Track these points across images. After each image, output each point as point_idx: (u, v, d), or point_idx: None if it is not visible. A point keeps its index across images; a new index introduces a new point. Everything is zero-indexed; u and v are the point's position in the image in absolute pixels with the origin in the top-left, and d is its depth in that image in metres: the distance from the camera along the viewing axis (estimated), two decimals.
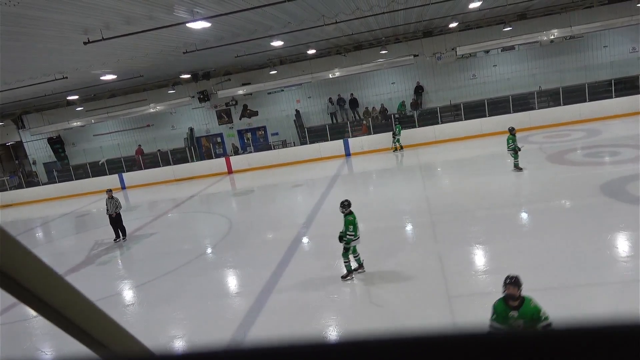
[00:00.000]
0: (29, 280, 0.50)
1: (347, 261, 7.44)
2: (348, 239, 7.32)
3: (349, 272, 7.47)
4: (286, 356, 0.41)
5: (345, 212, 7.42)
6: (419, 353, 0.38)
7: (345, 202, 7.51)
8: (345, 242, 7.37)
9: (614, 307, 5.45)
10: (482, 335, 0.38)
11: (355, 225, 7.35)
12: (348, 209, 7.44)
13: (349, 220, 7.33)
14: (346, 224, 7.33)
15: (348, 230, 7.30)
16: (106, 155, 25.37)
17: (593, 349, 0.36)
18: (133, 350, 0.64)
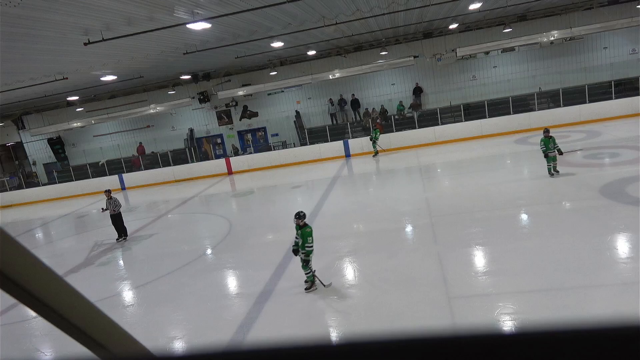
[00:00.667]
0: (29, 281, 0.50)
1: (309, 272, 7.28)
2: (308, 251, 7.17)
3: (312, 283, 7.31)
4: (285, 357, 0.41)
5: (301, 224, 7.24)
6: (419, 354, 0.38)
7: (300, 213, 7.32)
8: (304, 255, 7.20)
9: (613, 308, 5.44)
10: (482, 336, 0.38)
11: (313, 236, 7.21)
12: (303, 221, 7.26)
13: (306, 232, 7.16)
14: (304, 236, 7.16)
15: (307, 243, 7.13)
16: (106, 156, 25.39)
17: (593, 349, 0.36)
18: (132, 351, 0.64)
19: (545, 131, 11.45)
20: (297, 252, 7.34)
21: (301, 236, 7.25)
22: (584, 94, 19.72)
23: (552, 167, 11.59)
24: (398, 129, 21.51)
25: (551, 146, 11.33)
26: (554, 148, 11.39)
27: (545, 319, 5.29)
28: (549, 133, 11.39)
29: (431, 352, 0.38)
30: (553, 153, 11.40)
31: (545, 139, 11.32)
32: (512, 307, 6.00)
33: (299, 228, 7.28)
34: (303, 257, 7.26)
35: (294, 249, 7.38)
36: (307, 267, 7.27)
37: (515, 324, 5.53)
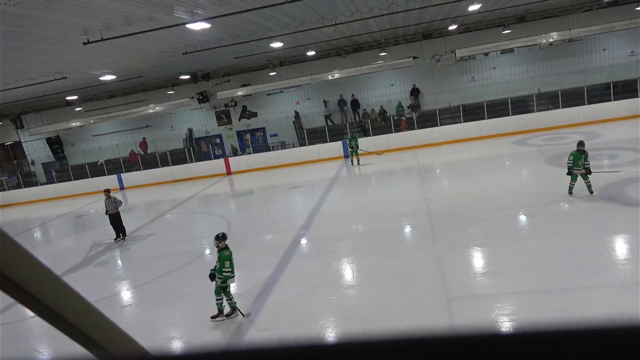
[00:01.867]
0: (27, 282, 0.50)
1: (220, 299, 6.77)
2: (225, 276, 6.60)
3: (219, 312, 6.79)
4: (284, 357, 0.40)
5: (221, 247, 6.72)
6: (418, 354, 0.38)
7: (219, 234, 6.81)
8: (222, 281, 6.63)
9: (612, 309, 5.45)
10: (481, 336, 0.38)
11: (232, 261, 6.64)
12: (223, 243, 6.75)
13: (224, 256, 6.60)
14: (222, 260, 6.61)
15: (224, 267, 6.57)
16: (105, 155, 25.36)
17: (592, 350, 0.36)
18: (130, 351, 0.64)
19: (579, 144, 9.61)
20: (214, 277, 6.74)
21: (219, 259, 6.72)
22: (582, 95, 19.75)
23: (573, 186, 9.89)
24: (397, 130, 21.51)
25: (580, 162, 9.56)
26: (582, 166, 9.57)
27: (544, 319, 5.30)
28: (583, 147, 9.57)
29: (430, 352, 0.38)
30: (580, 171, 9.60)
31: (576, 152, 9.58)
32: (511, 307, 6.01)
33: (219, 250, 6.76)
34: (220, 283, 6.68)
35: (210, 274, 6.77)
36: (228, 293, 6.69)
37: (513, 324, 5.53)
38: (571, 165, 9.65)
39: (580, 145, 9.58)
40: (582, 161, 9.50)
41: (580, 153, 9.51)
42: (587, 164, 9.53)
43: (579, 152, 9.54)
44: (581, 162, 9.51)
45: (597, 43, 21.74)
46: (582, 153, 9.49)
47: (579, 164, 9.53)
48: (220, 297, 6.77)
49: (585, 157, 9.53)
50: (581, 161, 9.51)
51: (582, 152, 9.50)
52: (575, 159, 9.59)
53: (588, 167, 9.52)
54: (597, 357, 0.35)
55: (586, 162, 9.50)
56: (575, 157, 9.57)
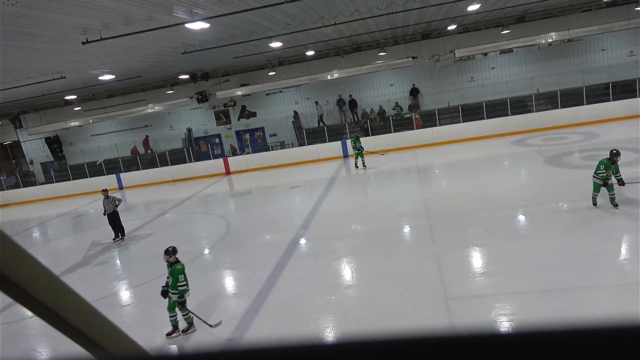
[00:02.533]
0: (26, 282, 0.50)
1: (174, 315, 6.49)
2: (182, 291, 6.34)
3: (190, 325, 6.57)
4: (283, 357, 0.40)
5: (171, 261, 6.43)
6: (417, 354, 0.38)
7: (169, 248, 6.48)
8: (178, 296, 6.35)
9: (612, 309, 5.46)
10: (480, 336, 0.38)
11: (185, 274, 6.38)
12: (174, 257, 6.45)
13: (177, 270, 6.32)
14: (175, 274, 6.31)
15: (179, 282, 6.30)
16: (104, 155, 25.34)
17: (592, 350, 0.36)
18: (129, 351, 0.64)
19: (614, 154, 8.64)
20: (167, 294, 6.40)
21: (171, 274, 6.39)
22: (581, 95, 19.77)
23: (596, 197, 9.09)
24: (396, 130, 21.52)
25: (609, 174, 8.73)
26: (612, 176, 8.77)
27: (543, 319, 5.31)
28: (618, 157, 8.64)
29: (429, 352, 0.38)
30: (613, 181, 8.81)
31: (607, 161, 8.66)
32: (510, 308, 6.01)
33: (169, 265, 6.44)
34: (177, 299, 6.36)
35: (162, 290, 6.43)
36: (184, 309, 6.44)
37: (512, 324, 5.53)
38: (604, 176, 8.66)
39: (615, 155, 8.61)
40: (609, 172, 8.64)
41: (611, 163, 8.63)
42: (619, 175, 8.68)
43: (610, 161, 8.62)
44: (609, 173, 8.63)
45: (596, 43, 21.77)
46: (613, 163, 8.62)
47: (608, 175, 8.67)
48: (174, 314, 6.50)
49: (616, 168, 8.70)
50: (609, 172, 8.64)
51: (615, 162, 8.62)
52: (607, 169, 8.67)
53: (620, 178, 8.67)
54: (597, 357, 0.35)
55: (617, 173, 8.65)
56: (607, 167, 8.66)
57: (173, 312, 6.51)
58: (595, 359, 0.35)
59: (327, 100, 24.38)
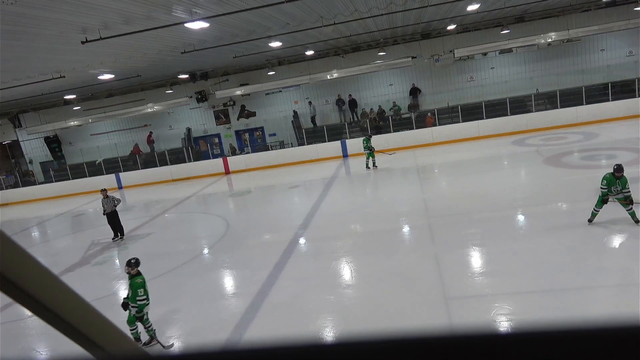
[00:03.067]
0: (26, 282, 0.50)
1: (134, 328, 6.31)
2: (141, 305, 6.16)
3: (151, 338, 6.36)
4: (282, 357, 0.40)
5: (132, 273, 6.27)
6: (416, 354, 0.38)
7: (131, 260, 6.39)
8: (137, 310, 6.16)
9: (611, 309, 5.46)
10: (479, 336, 0.38)
11: (146, 288, 6.23)
12: (135, 269, 6.30)
13: (137, 283, 6.16)
14: (134, 287, 6.15)
15: (138, 296, 6.13)
16: (103, 155, 25.32)
17: (591, 350, 0.36)
18: (129, 351, 0.64)
19: (617, 169, 7.83)
20: (127, 307, 6.22)
21: (130, 287, 6.24)
22: (581, 95, 19.79)
23: (597, 214, 8.19)
24: (395, 130, 21.52)
25: (615, 189, 7.84)
26: (618, 193, 7.85)
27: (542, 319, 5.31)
28: (621, 173, 7.80)
29: (428, 352, 0.38)
30: (619, 196, 7.87)
31: (610, 176, 7.86)
32: (509, 307, 6.02)
33: (130, 277, 6.30)
34: (135, 313, 6.19)
35: (123, 303, 6.26)
36: (146, 321, 6.26)
37: (512, 324, 5.54)
38: (605, 190, 7.94)
39: (619, 171, 7.80)
40: (616, 187, 7.79)
41: (615, 178, 7.83)
42: (628, 192, 7.83)
43: (613, 176, 7.82)
44: (615, 189, 7.81)
45: (595, 43, 21.78)
46: (618, 179, 7.82)
47: (613, 191, 7.87)
48: (135, 327, 6.33)
49: (622, 183, 7.82)
50: (615, 187, 7.80)
51: (619, 177, 7.82)
52: (610, 184, 7.87)
53: (629, 195, 7.82)
54: (597, 357, 0.35)
55: (625, 189, 7.81)
56: (610, 183, 7.87)
57: (133, 326, 6.30)
58: (595, 359, 0.35)
59: (327, 100, 24.37)
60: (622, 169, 7.80)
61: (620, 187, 7.75)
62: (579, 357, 0.35)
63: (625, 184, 7.76)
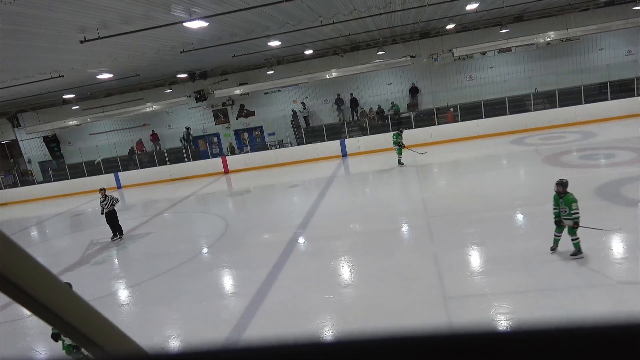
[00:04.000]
0: (25, 281, 0.50)
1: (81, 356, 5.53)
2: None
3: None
4: (282, 356, 0.40)
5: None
6: (415, 353, 0.38)
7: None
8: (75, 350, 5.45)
9: (610, 308, 5.47)
10: (479, 335, 0.38)
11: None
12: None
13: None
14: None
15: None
16: (102, 154, 25.31)
17: (591, 349, 0.36)
18: (128, 350, 0.64)
19: (559, 183, 6.82)
20: (58, 337, 5.53)
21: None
22: (580, 94, 19.79)
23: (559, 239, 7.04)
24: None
25: (563, 210, 6.77)
26: (568, 214, 6.72)
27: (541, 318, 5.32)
28: (562, 187, 6.78)
29: (427, 351, 0.38)
30: (568, 222, 6.78)
31: (555, 194, 6.88)
32: (508, 307, 6.02)
33: None
34: (71, 342, 5.50)
35: (53, 334, 5.52)
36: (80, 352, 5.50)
37: (511, 323, 5.54)
38: (557, 211, 6.89)
39: (560, 185, 6.79)
40: (563, 207, 6.76)
41: (559, 196, 6.82)
42: (575, 214, 6.62)
43: (557, 194, 6.85)
44: (563, 210, 6.77)
45: (594, 42, 21.80)
46: (561, 195, 6.78)
47: (563, 212, 6.80)
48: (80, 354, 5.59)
49: (567, 203, 6.68)
50: (563, 207, 6.77)
51: (563, 193, 6.76)
52: (556, 203, 6.90)
53: (577, 218, 6.63)
54: (596, 356, 0.35)
55: (572, 210, 6.63)
56: (555, 201, 6.90)
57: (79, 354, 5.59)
58: (594, 358, 0.35)
59: (326, 99, 24.37)
60: (562, 183, 6.77)
61: (567, 208, 6.71)
62: (578, 356, 0.35)
63: (571, 204, 6.65)
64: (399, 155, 16.79)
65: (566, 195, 6.71)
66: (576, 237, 6.80)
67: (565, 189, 6.73)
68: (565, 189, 6.73)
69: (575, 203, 6.62)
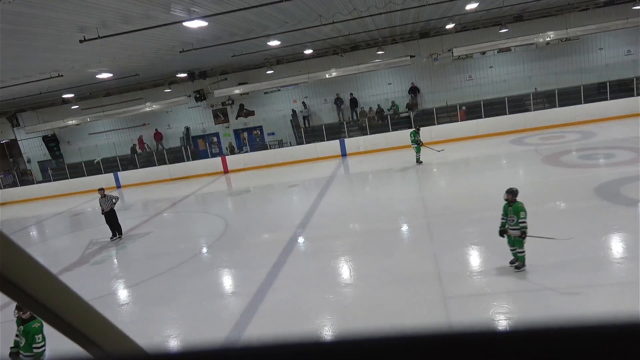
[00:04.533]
0: (25, 281, 0.50)
1: None
2: (37, 354, 5.11)
3: None
4: (281, 355, 0.40)
5: (25, 317, 5.18)
6: (415, 352, 0.38)
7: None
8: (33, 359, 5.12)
9: (610, 308, 5.47)
10: (478, 335, 0.38)
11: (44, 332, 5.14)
12: (28, 313, 5.19)
13: (35, 328, 5.09)
14: (32, 334, 5.09)
15: (35, 342, 5.08)
16: (102, 154, 25.29)
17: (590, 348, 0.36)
18: (127, 349, 0.64)
19: (508, 191, 6.65)
20: (17, 357, 5.20)
21: (24, 334, 5.12)
22: (579, 94, 19.81)
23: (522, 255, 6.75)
24: (395, 129, 21.52)
25: (510, 219, 6.58)
26: (515, 223, 6.54)
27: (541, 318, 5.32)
28: (512, 195, 6.61)
29: (426, 351, 0.38)
30: (515, 232, 6.59)
31: (505, 203, 6.70)
32: (508, 306, 6.03)
33: (21, 322, 5.21)
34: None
35: (11, 352, 5.27)
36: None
37: (510, 323, 5.54)
38: (504, 221, 6.69)
39: (509, 193, 6.62)
40: (512, 217, 6.56)
41: (508, 204, 6.64)
42: (523, 223, 6.45)
43: (507, 202, 6.66)
44: (511, 219, 6.57)
45: (593, 42, 21.80)
46: (510, 203, 6.61)
47: (510, 222, 6.61)
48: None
49: (516, 211, 6.48)
50: (511, 217, 6.56)
51: (512, 201, 6.60)
52: (504, 212, 6.70)
53: (524, 228, 6.47)
54: (596, 356, 0.35)
55: (520, 219, 6.45)
56: (505, 211, 6.70)
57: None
58: (594, 357, 0.35)
59: (325, 99, 24.35)
60: (512, 191, 6.57)
61: (516, 216, 6.48)
62: (578, 356, 0.35)
63: (519, 213, 6.45)
64: (417, 153, 16.48)
65: (515, 204, 6.54)
66: (522, 250, 6.63)
67: (514, 198, 6.55)
68: (515, 198, 6.54)
69: (524, 212, 6.45)
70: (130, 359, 0.61)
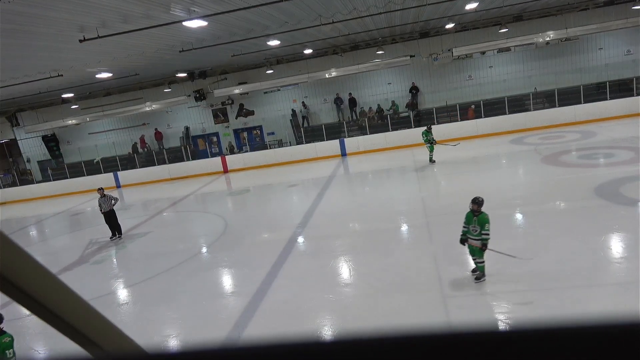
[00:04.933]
0: (24, 281, 0.50)
1: None
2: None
3: None
4: (281, 355, 0.40)
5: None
6: (414, 352, 0.38)
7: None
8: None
9: (610, 307, 5.47)
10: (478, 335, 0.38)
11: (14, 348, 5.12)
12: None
13: (5, 344, 5.03)
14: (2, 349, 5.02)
15: (7, 357, 5.05)
16: (101, 153, 25.28)
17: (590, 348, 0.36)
18: (127, 349, 0.64)
19: (474, 201, 6.51)
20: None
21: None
22: (579, 94, 19.82)
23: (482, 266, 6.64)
24: (394, 128, 21.53)
25: (473, 229, 6.44)
26: (478, 234, 6.41)
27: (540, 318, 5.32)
28: (478, 205, 6.45)
29: (426, 351, 0.38)
30: (476, 242, 6.48)
31: (469, 212, 6.55)
32: (507, 306, 6.03)
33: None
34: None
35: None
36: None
37: (510, 323, 5.54)
38: (466, 230, 6.56)
39: (474, 202, 6.48)
40: (475, 227, 6.40)
41: (473, 214, 6.47)
42: (486, 235, 6.36)
43: (472, 212, 6.49)
44: (474, 229, 6.42)
45: (593, 42, 21.81)
46: (475, 213, 6.44)
47: (472, 231, 6.47)
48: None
49: (481, 222, 6.36)
50: (474, 227, 6.41)
51: (476, 212, 6.43)
52: (468, 221, 6.54)
53: (486, 239, 6.37)
54: (596, 356, 0.35)
55: (484, 230, 6.34)
56: (469, 220, 6.54)
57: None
58: (594, 357, 0.35)
59: (325, 98, 24.36)
60: (478, 202, 6.43)
61: (479, 227, 6.37)
62: (578, 356, 0.35)
63: (484, 224, 6.34)
64: (430, 152, 16.27)
65: (481, 215, 6.41)
66: (482, 260, 6.57)
67: (480, 208, 6.42)
68: (480, 208, 6.42)
69: (488, 224, 6.34)
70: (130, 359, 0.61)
